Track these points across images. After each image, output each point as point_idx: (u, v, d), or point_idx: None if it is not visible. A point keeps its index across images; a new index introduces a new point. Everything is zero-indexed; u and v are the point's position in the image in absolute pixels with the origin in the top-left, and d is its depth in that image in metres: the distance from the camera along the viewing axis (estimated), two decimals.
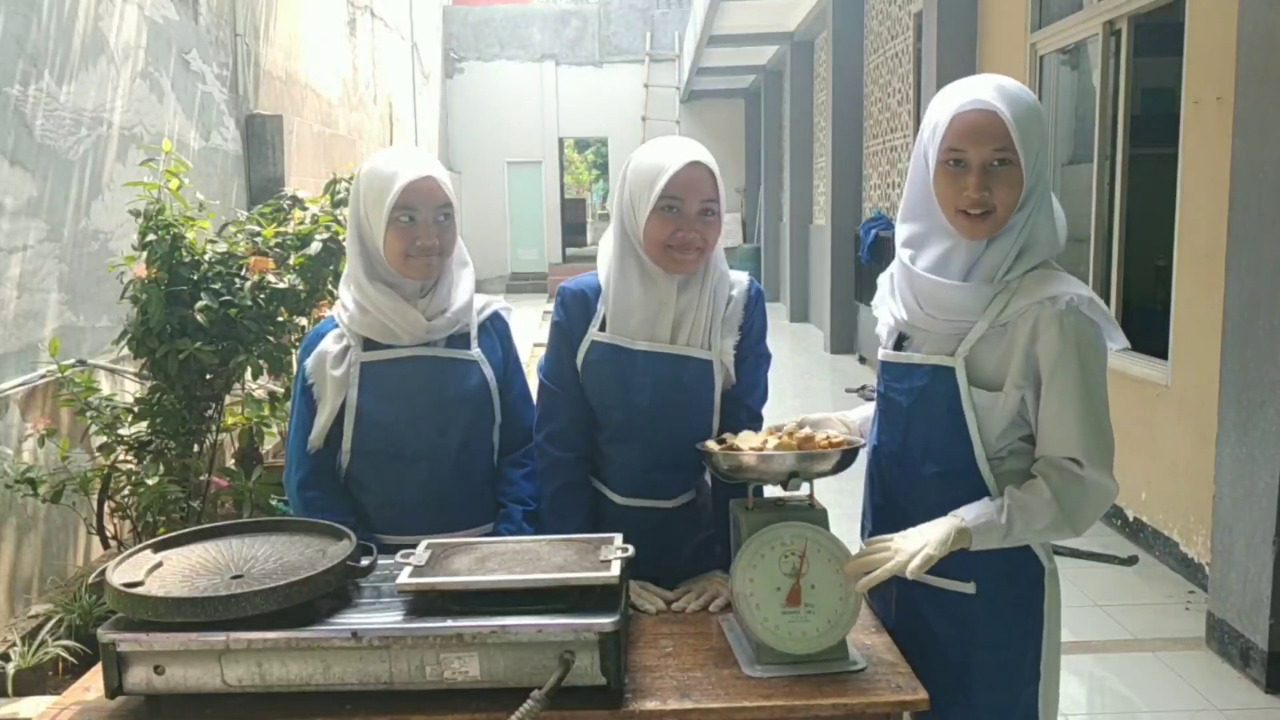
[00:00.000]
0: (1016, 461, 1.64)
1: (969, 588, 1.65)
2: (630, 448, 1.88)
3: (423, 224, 1.87)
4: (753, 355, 1.92)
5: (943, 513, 1.59)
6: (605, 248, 1.92)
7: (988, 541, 1.56)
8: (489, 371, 1.99)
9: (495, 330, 2.06)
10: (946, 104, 1.60)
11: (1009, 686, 1.67)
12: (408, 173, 1.84)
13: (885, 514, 1.76)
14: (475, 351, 1.99)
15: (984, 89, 1.57)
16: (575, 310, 1.90)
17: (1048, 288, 1.57)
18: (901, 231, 1.72)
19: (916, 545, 1.53)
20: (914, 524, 1.61)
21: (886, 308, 1.77)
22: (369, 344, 1.92)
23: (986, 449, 1.62)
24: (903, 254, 1.70)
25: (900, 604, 1.74)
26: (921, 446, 1.67)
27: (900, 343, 1.74)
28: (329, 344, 1.92)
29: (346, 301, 1.94)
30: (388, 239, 1.86)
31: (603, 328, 1.87)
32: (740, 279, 1.94)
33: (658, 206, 1.77)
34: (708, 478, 1.96)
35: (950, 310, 1.62)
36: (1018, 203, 1.58)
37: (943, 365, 1.63)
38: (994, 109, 1.54)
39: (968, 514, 1.56)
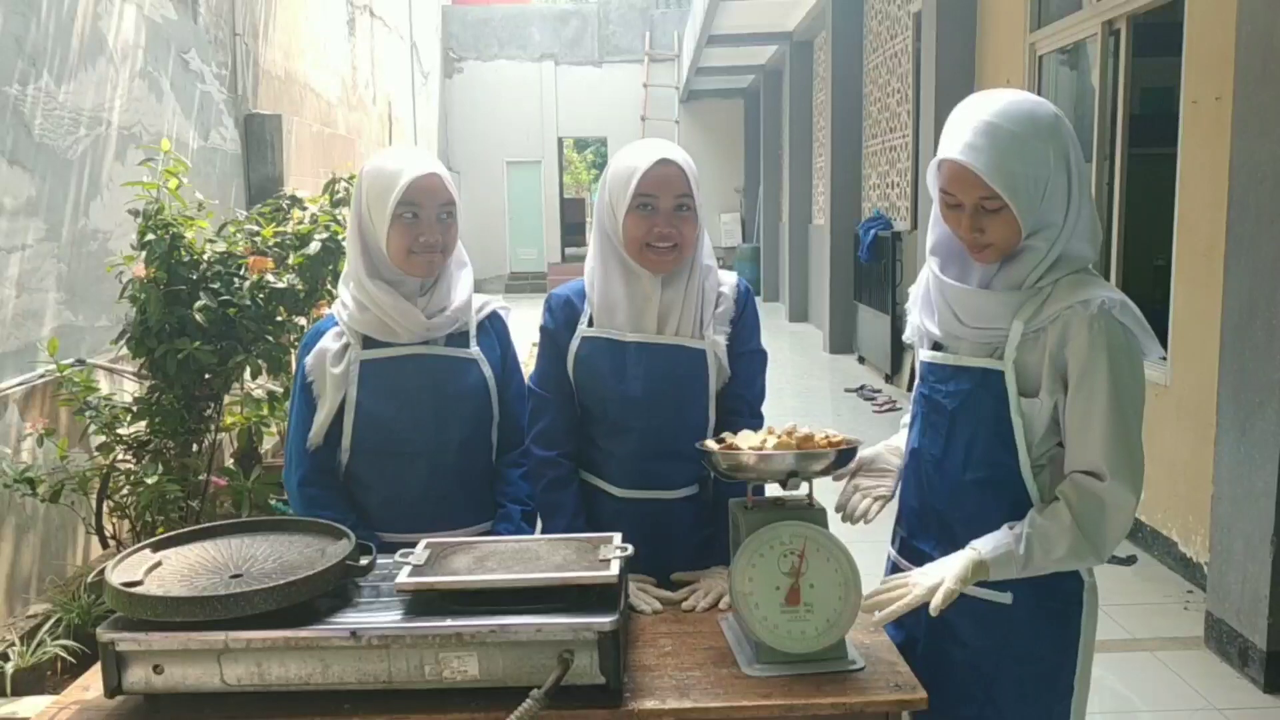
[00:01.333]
0: (1055, 470, 1.61)
1: (1005, 598, 1.63)
2: (627, 439, 1.90)
3: (426, 221, 1.88)
4: (747, 351, 1.95)
5: (982, 521, 1.58)
6: (589, 256, 1.96)
7: (1006, 572, 1.54)
8: (488, 370, 2.00)
9: (494, 329, 2.07)
10: (944, 140, 1.56)
11: (1040, 700, 1.65)
12: (412, 170, 1.85)
13: (922, 519, 1.74)
14: (474, 350, 2.00)
15: (970, 127, 1.52)
16: (561, 314, 1.95)
17: (1081, 292, 1.54)
18: (930, 236, 1.70)
19: (934, 580, 1.53)
20: (952, 531, 1.61)
21: (919, 313, 1.75)
22: (369, 342, 1.93)
23: (1030, 456, 1.59)
24: (932, 262, 1.69)
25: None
26: (964, 451, 1.64)
27: (935, 347, 1.72)
28: (329, 341, 1.93)
29: (346, 299, 1.94)
30: (391, 236, 1.86)
31: (590, 324, 1.91)
32: (729, 278, 1.98)
33: (633, 205, 1.81)
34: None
35: (981, 317, 1.60)
36: (1019, 237, 1.55)
37: (992, 369, 1.60)
38: (967, 165, 1.50)
39: (984, 546, 1.55)
